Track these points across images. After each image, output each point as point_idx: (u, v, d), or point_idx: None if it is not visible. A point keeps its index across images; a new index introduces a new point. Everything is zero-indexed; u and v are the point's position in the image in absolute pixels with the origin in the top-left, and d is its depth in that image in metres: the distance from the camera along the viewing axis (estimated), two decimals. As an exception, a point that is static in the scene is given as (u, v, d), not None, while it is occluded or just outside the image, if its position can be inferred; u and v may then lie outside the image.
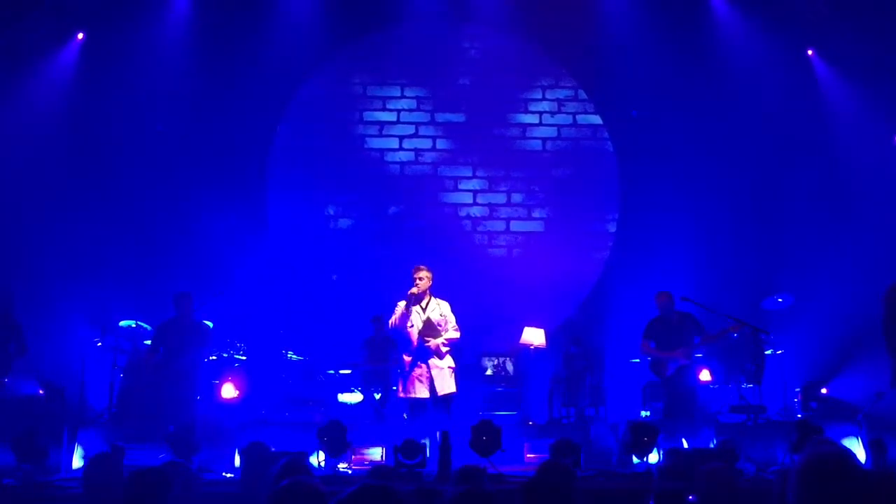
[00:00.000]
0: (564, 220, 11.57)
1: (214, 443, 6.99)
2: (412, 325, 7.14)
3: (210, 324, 8.60)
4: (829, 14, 10.23)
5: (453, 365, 7.26)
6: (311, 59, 11.30)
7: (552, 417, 9.32)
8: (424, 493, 3.47)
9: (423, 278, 7.17)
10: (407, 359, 7.15)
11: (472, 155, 11.67)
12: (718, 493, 3.16)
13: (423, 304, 7.21)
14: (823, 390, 9.13)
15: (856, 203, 10.08)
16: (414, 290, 7.10)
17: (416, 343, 7.11)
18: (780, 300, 9.77)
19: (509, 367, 10.07)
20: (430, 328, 7.14)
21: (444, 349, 7.15)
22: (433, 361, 7.10)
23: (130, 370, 8.77)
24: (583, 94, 11.83)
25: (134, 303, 9.56)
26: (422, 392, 7.05)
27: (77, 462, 6.91)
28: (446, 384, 7.11)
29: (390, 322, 7.20)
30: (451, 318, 7.27)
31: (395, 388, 9.45)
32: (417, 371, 7.06)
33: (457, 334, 7.27)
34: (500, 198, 11.65)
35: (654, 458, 6.65)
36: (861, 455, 6.75)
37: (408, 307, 7.12)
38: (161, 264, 10.02)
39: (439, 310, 7.24)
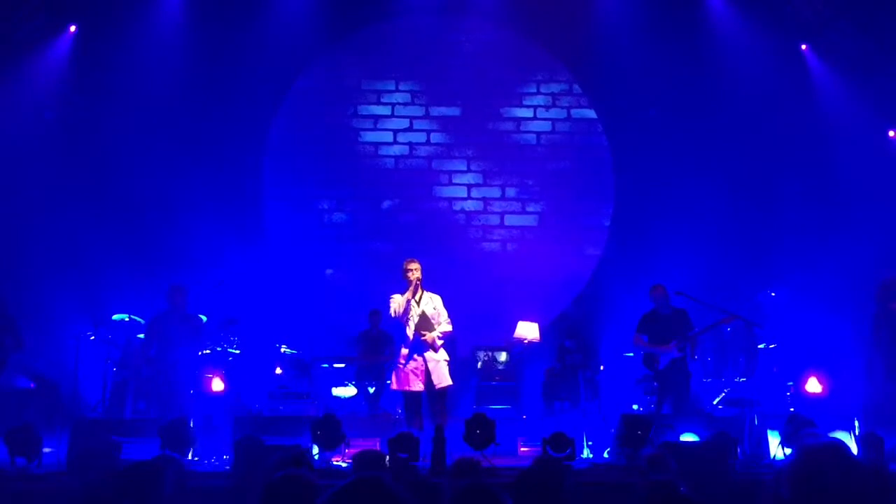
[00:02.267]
0: (559, 214, 11.58)
1: (208, 436, 6.99)
2: (409, 319, 7.16)
3: (204, 317, 8.58)
4: (822, 9, 10.25)
5: (448, 358, 7.31)
6: (306, 52, 11.27)
7: (546, 411, 9.33)
8: (419, 486, 3.48)
9: (417, 270, 7.21)
10: (404, 351, 7.16)
11: (467, 149, 11.67)
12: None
13: (417, 298, 7.23)
14: (814, 385, 9.17)
15: (850, 197, 10.10)
16: (417, 277, 7.13)
17: (412, 336, 7.13)
18: (773, 294, 9.80)
19: (503, 361, 10.08)
20: (424, 322, 7.18)
21: (438, 342, 7.20)
22: (429, 355, 7.14)
23: (124, 364, 8.75)
24: (577, 89, 11.83)
25: (127, 296, 9.54)
26: (416, 385, 7.08)
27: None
28: (443, 377, 7.16)
29: (393, 312, 7.19)
30: (444, 312, 7.33)
31: (388, 381, 9.47)
32: (413, 364, 7.10)
33: (449, 327, 7.33)
34: (495, 192, 11.65)
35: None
36: (853, 449, 6.77)
37: (409, 299, 7.16)
38: (155, 258, 9.99)
39: (432, 303, 7.30)
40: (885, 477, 2.60)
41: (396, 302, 7.19)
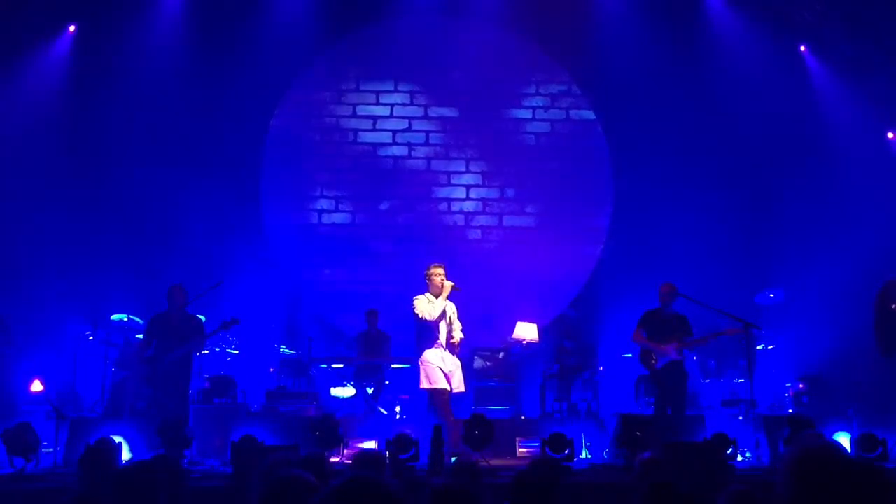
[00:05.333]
0: (557, 214, 11.57)
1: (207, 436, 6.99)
2: (441, 321, 7.11)
3: (203, 317, 8.57)
4: (821, 10, 10.26)
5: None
6: (305, 52, 11.26)
7: (544, 412, 9.33)
8: (414, 485, 3.48)
9: (444, 275, 7.20)
10: (436, 352, 7.06)
11: (466, 149, 11.66)
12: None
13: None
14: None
15: (849, 199, 10.10)
16: (451, 285, 7.11)
17: (446, 338, 7.10)
18: (771, 295, 9.80)
19: (502, 361, 10.08)
20: (450, 326, 7.19)
21: (456, 348, 7.19)
22: (454, 359, 7.11)
23: (122, 364, 8.75)
24: (576, 90, 11.84)
25: (126, 296, 9.53)
26: (444, 384, 6.98)
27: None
28: (461, 383, 7.13)
29: (428, 314, 7.06)
30: (458, 321, 7.31)
31: (387, 382, 9.47)
32: (441, 364, 7.01)
33: (462, 335, 7.29)
34: (494, 192, 11.65)
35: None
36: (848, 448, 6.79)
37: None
38: (153, 258, 9.97)
39: (451, 310, 7.27)
40: (885, 477, 2.60)
41: (428, 304, 7.11)
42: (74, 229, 9.78)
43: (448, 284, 7.14)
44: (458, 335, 7.17)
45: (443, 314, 7.10)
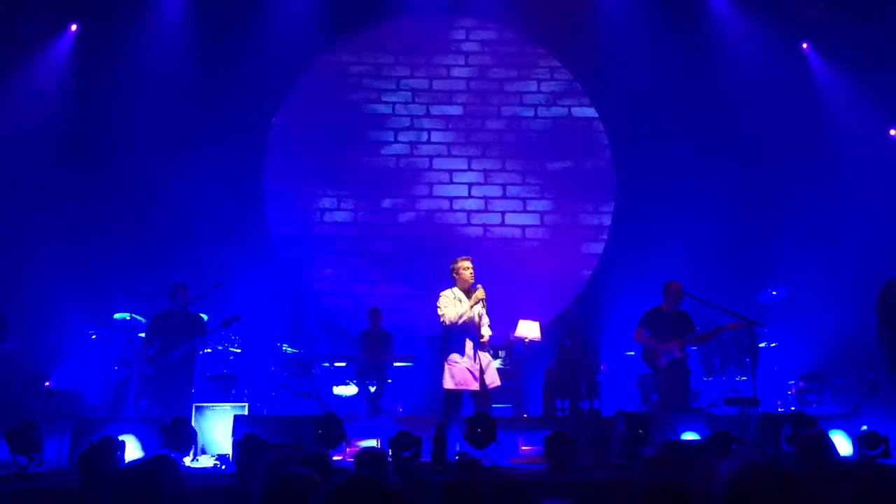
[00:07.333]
0: (560, 213, 11.58)
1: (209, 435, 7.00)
2: (474, 318, 6.90)
3: (205, 316, 8.59)
4: (824, 7, 10.24)
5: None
6: (307, 50, 11.29)
7: (547, 410, 9.32)
8: (417, 484, 3.47)
9: (472, 268, 7.00)
10: (466, 350, 6.86)
11: (467, 147, 11.67)
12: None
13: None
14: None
15: (851, 196, 10.09)
16: (482, 296, 6.89)
17: (477, 337, 6.89)
18: (774, 293, 9.79)
19: (505, 359, 10.08)
20: (479, 322, 7.02)
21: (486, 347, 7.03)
22: (485, 355, 6.96)
23: (125, 363, 8.77)
24: (578, 87, 11.84)
25: (129, 295, 9.55)
26: (473, 385, 6.81)
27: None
28: (496, 377, 6.98)
29: (449, 319, 6.77)
30: (486, 315, 7.11)
31: (390, 380, 9.48)
32: (469, 363, 6.82)
33: (491, 332, 7.10)
34: (496, 190, 11.64)
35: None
36: (848, 448, 6.78)
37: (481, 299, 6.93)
38: (156, 257, 9.99)
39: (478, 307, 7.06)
40: (886, 475, 2.59)
41: (455, 300, 6.83)
42: (77, 228, 9.81)
43: (480, 294, 6.86)
44: (486, 332, 6.98)
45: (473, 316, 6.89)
